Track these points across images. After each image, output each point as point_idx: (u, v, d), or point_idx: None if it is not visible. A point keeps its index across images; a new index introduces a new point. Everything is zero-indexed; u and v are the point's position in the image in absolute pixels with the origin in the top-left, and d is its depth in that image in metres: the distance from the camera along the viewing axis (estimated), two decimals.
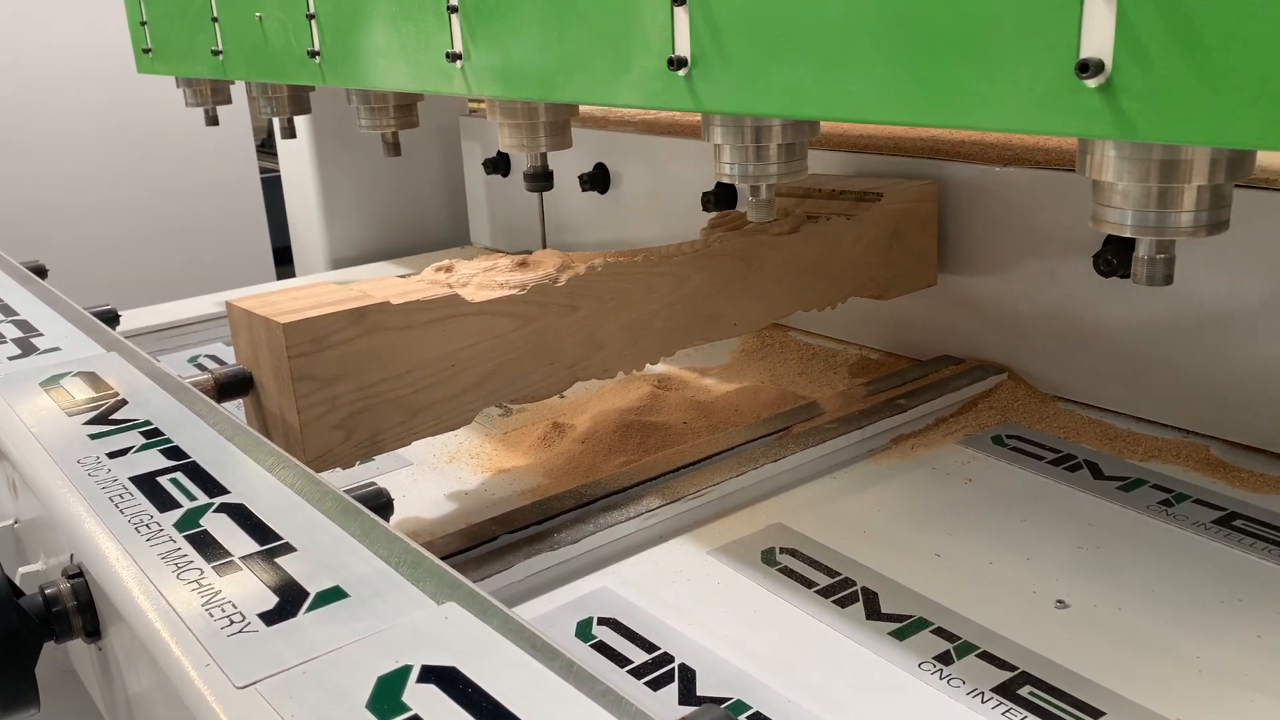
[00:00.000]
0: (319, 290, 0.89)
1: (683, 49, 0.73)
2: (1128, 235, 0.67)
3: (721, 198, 1.44)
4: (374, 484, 0.75)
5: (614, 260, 0.99)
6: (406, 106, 1.35)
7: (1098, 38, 0.52)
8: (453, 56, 0.95)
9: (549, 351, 0.95)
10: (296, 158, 1.98)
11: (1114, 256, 1.05)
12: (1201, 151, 0.62)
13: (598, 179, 1.67)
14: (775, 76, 0.68)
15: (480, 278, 0.94)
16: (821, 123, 0.92)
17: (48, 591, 0.65)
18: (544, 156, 1.14)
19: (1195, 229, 0.65)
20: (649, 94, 0.77)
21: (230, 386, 0.88)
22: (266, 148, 3.10)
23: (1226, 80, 0.48)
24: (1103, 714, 0.67)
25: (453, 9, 0.94)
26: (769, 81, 0.69)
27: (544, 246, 1.63)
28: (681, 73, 0.73)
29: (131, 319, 1.52)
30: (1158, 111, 0.51)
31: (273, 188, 2.37)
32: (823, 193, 1.21)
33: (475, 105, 2.07)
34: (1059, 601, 0.80)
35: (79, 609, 0.65)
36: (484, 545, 0.87)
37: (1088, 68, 0.52)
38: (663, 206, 1.59)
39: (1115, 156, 0.64)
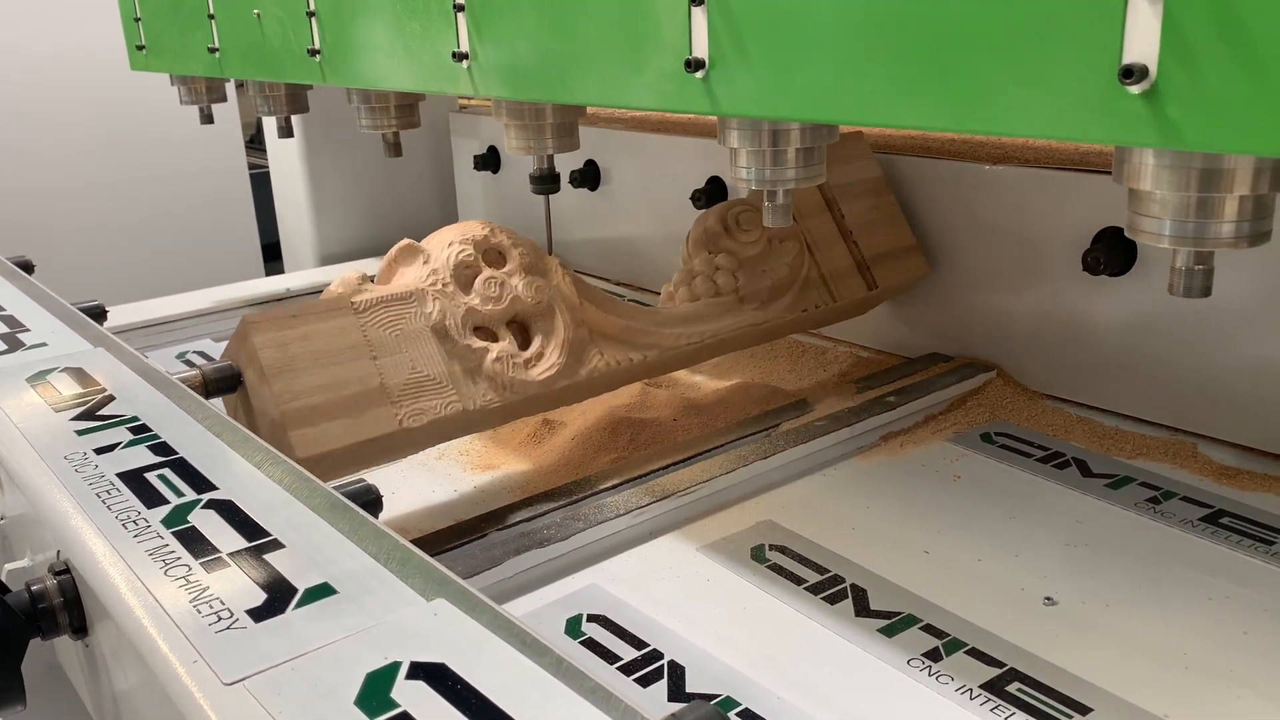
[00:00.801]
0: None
1: (700, 50, 0.71)
2: (1165, 246, 0.64)
3: (711, 195, 1.44)
4: (363, 480, 0.75)
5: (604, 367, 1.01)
6: (408, 106, 1.32)
7: (1142, 42, 0.50)
8: (459, 56, 0.92)
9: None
10: (286, 153, 1.97)
11: (1103, 255, 1.05)
12: (1245, 160, 0.60)
13: (588, 176, 1.67)
14: (797, 79, 0.66)
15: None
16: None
17: (34, 588, 0.64)
18: (551, 159, 1.13)
19: (1236, 240, 0.63)
20: (664, 96, 0.75)
21: (219, 383, 0.88)
22: (256, 143, 3.09)
23: (1277, 86, 0.46)
24: (1090, 710, 0.68)
25: (459, 7, 0.91)
26: (790, 84, 0.66)
27: (550, 250, 1.62)
28: (699, 75, 0.71)
29: (119, 315, 1.51)
30: (1205, 119, 0.48)
31: (262, 183, 2.35)
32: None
33: (465, 101, 2.06)
34: (1047, 598, 0.80)
35: (65, 605, 0.64)
36: (473, 542, 0.87)
37: (1132, 73, 0.50)
38: (653, 203, 1.59)
39: (1155, 165, 0.62)
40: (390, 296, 0.92)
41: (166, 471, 0.71)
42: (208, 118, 1.68)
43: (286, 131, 1.55)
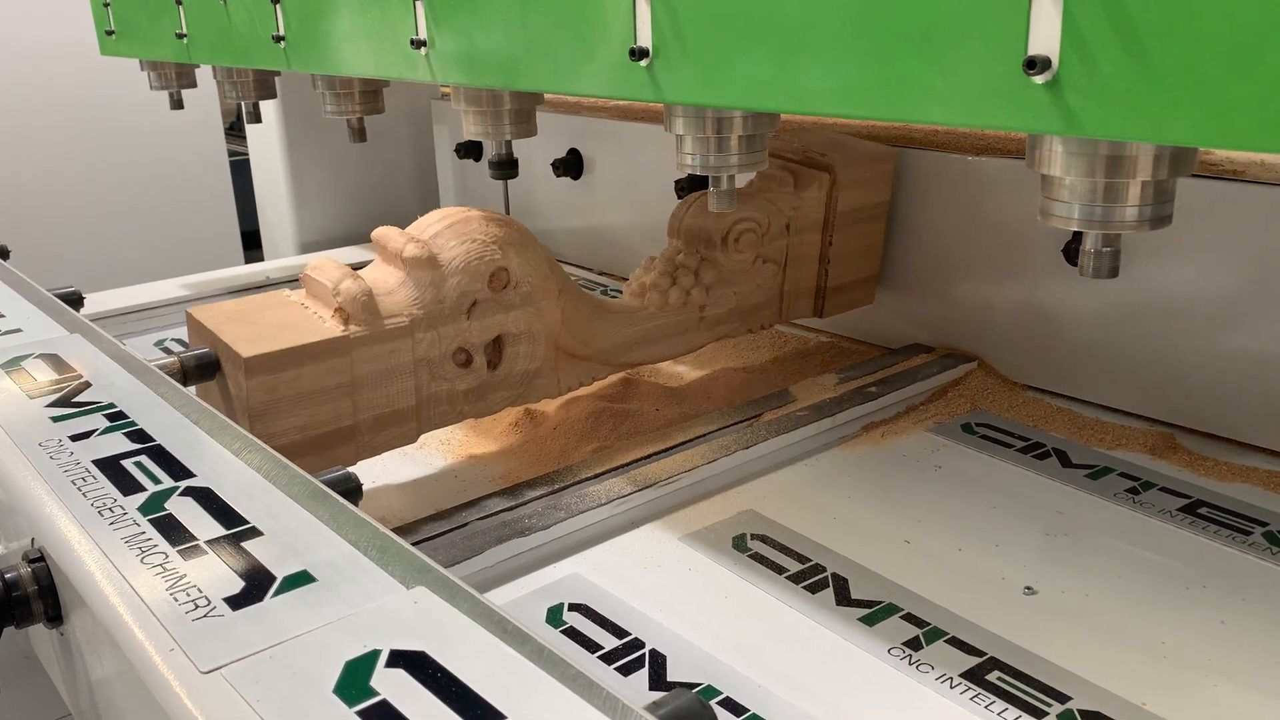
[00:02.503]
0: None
1: (644, 39, 0.73)
2: (1074, 229, 0.68)
3: (694, 184, 1.43)
4: (342, 468, 0.74)
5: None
6: (372, 92, 1.34)
7: (1045, 35, 0.53)
8: (417, 43, 0.94)
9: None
10: (265, 141, 1.95)
11: None
12: (1145, 148, 0.63)
13: (571, 165, 1.66)
14: (735, 69, 0.69)
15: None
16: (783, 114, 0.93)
17: (8, 576, 0.64)
18: (509, 145, 1.14)
19: (1140, 223, 0.66)
20: (611, 83, 0.77)
21: (197, 370, 0.87)
22: (235, 130, 3.07)
23: (1166, 79, 0.49)
24: (1069, 698, 0.68)
25: None
26: (729, 74, 0.69)
27: None
28: (643, 63, 0.74)
29: (96, 302, 1.49)
30: (1102, 108, 0.52)
31: (241, 171, 2.34)
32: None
33: (447, 90, 2.05)
34: (1027, 588, 0.81)
35: (40, 594, 0.64)
36: (454, 531, 0.86)
37: (1035, 64, 0.53)
38: (636, 193, 1.58)
39: (1063, 152, 0.65)
40: (386, 332, 0.88)
41: (143, 458, 0.70)
42: (177, 103, 1.68)
43: (255, 117, 1.55)
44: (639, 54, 0.73)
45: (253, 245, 2.47)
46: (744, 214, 1.12)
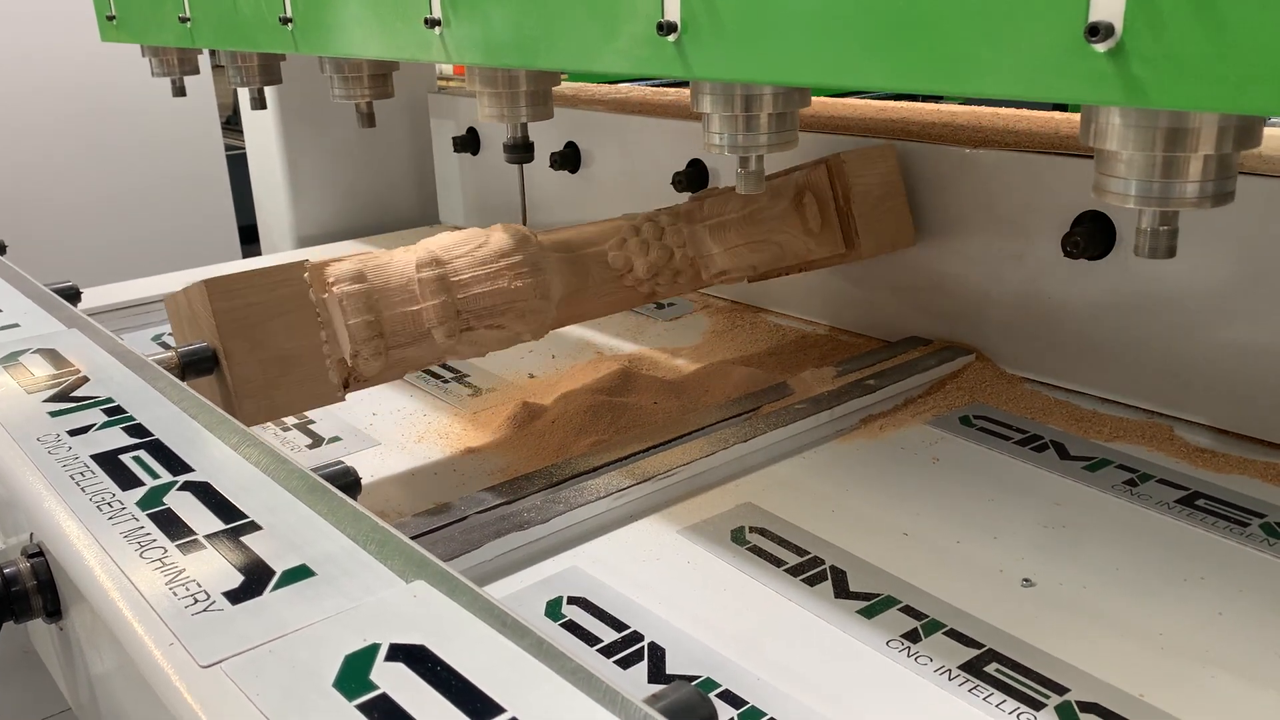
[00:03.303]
0: None
1: (672, 13, 0.71)
2: (1130, 206, 0.65)
3: (693, 177, 1.43)
4: (341, 463, 0.74)
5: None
6: (382, 76, 1.31)
7: (1108, 0, 0.50)
8: (431, 23, 0.92)
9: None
10: (263, 134, 1.95)
11: (1082, 239, 1.05)
12: (1210, 119, 0.60)
13: (568, 158, 1.66)
14: (769, 42, 0.66)
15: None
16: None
17: (6, 571, 0.63)
18: (524, 127, 1.12)
19: (1200, 200, 0.63)
20: (637, 60, 0.74)
21: (194, 364, 0.87)
22: (232, 124, 3.06)
23: (1241, 45, 0.47)
24: (1067, 690, 0.68)
25: None
26: (762, 47, 0.66)
27: (524, 223, 1.61)
28: (671, 38, 0.71)
29: (94, 297, 1.49)
30: (1170, 77, 0.49)
31: (238, 165, 2.33)
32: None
33: (444, 83, 2.05)
34: (1025, 580, 0.81)
35: (39, 588, 0.64)
36: (453, 524, 0.86)
37: (1097, 31, 0.50)
38: (634, 186, 1.58)
39: (1120, 124, 0.62)
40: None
41: (142, 453, 0.70)
42: (180, 90, 1.66)
43: (259, 103, 1.53)
44: (667, 28, 0.70)
45: (250, 239, 2.47)
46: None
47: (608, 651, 0.72)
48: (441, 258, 0.92)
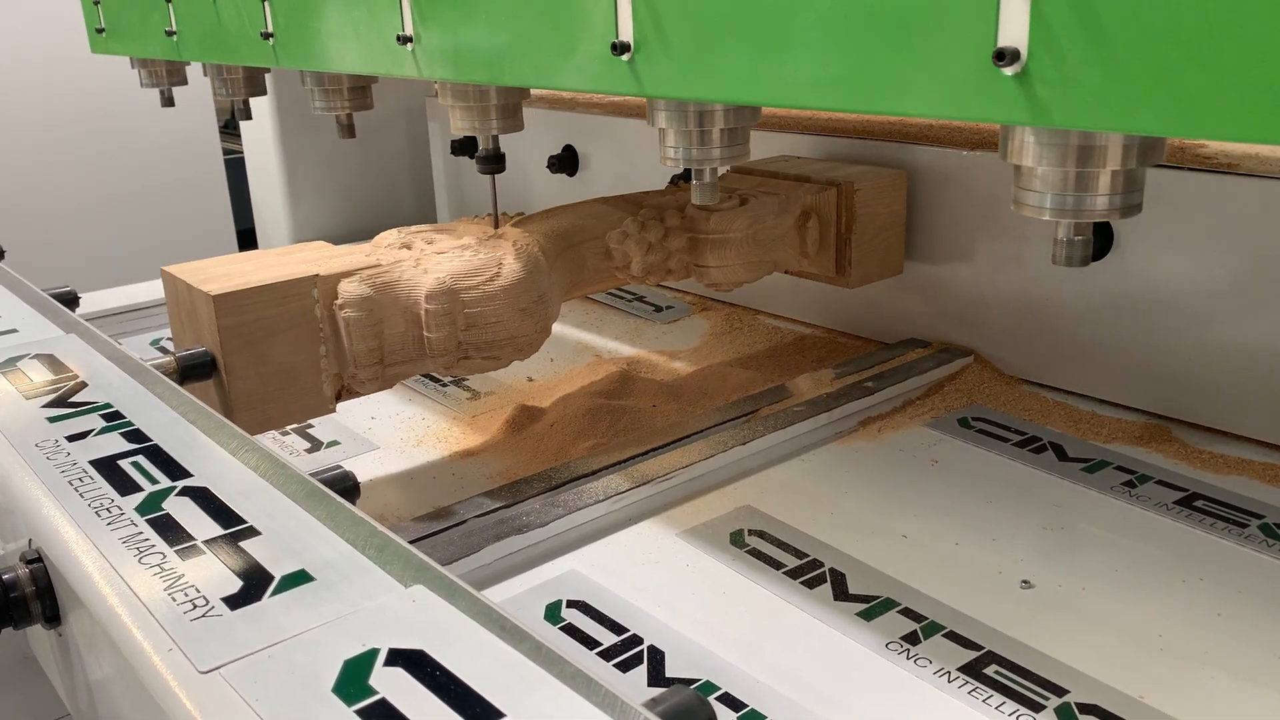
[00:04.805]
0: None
1: (626, 34, 0.74)
2: (1046, 219, 0.69)
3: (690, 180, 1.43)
4: (340, 467, 0.75)
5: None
6: (361, 89, 1.35)
7: (1014, 27, 0.54)
8: (403, 39, 0.95)
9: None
10: (260, 139, 1.95)
11: None
12: (1115, 138, 0.64)
13: (566, 161, 1.66)
14: (715, 62, 0.69)
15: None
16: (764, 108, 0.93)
17: (5, 577, 0.63)
18: (496, 139, 1.14)
19: (1110, 212, 0.67)
20: (593, 78, 0.78)
21: (193, 369, 0.87)
22: (230, 129, 3.06)
23: (1131, 69, 0.50)
24: (1067, 692, 0.68)
25: None
26: (709, 67, 0.70)
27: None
28: (625, 57, 0.74)
29: (92, 301, 1.49)
30: (1070, 99, 0.52)
31: (236, 169, 2.33)
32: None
33: None
34: (1024, 582, 0.81)
35: (38, 594, 0.64)
36: (452, 528, 0.86)
37: (1004, 56, 0.54)
38: (631, 189, 1.58)
39: (1034, 142, 0.66)
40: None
41: (140, 459, 0.70)
42: (168, 101, 1.68)
43: (245, 114, 1.56)
44: (620, 48, 0.74)
45: (248, 244, 2.47)
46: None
47: (607, 655, 0.72)
48: (453, 288, 0.91)
